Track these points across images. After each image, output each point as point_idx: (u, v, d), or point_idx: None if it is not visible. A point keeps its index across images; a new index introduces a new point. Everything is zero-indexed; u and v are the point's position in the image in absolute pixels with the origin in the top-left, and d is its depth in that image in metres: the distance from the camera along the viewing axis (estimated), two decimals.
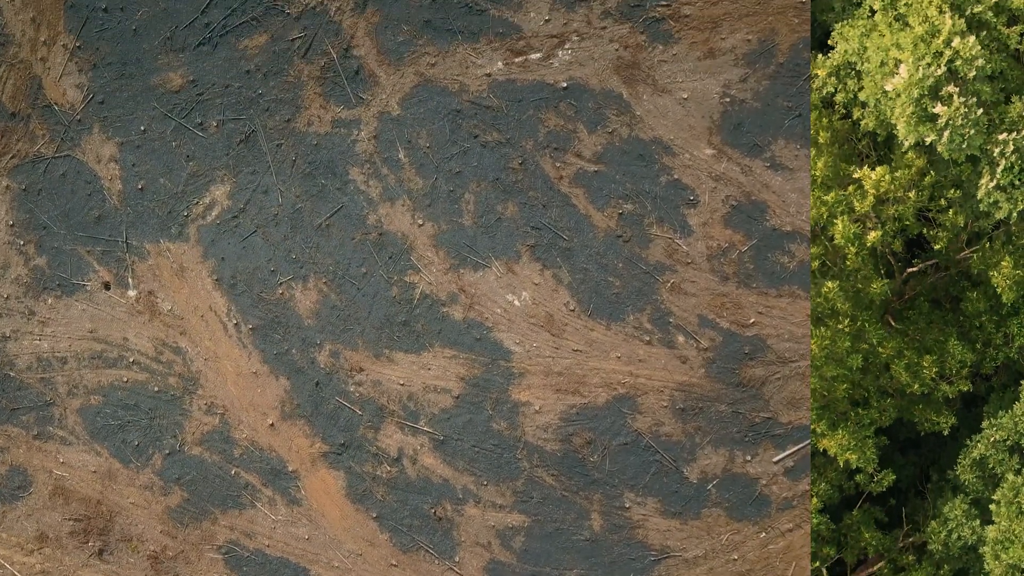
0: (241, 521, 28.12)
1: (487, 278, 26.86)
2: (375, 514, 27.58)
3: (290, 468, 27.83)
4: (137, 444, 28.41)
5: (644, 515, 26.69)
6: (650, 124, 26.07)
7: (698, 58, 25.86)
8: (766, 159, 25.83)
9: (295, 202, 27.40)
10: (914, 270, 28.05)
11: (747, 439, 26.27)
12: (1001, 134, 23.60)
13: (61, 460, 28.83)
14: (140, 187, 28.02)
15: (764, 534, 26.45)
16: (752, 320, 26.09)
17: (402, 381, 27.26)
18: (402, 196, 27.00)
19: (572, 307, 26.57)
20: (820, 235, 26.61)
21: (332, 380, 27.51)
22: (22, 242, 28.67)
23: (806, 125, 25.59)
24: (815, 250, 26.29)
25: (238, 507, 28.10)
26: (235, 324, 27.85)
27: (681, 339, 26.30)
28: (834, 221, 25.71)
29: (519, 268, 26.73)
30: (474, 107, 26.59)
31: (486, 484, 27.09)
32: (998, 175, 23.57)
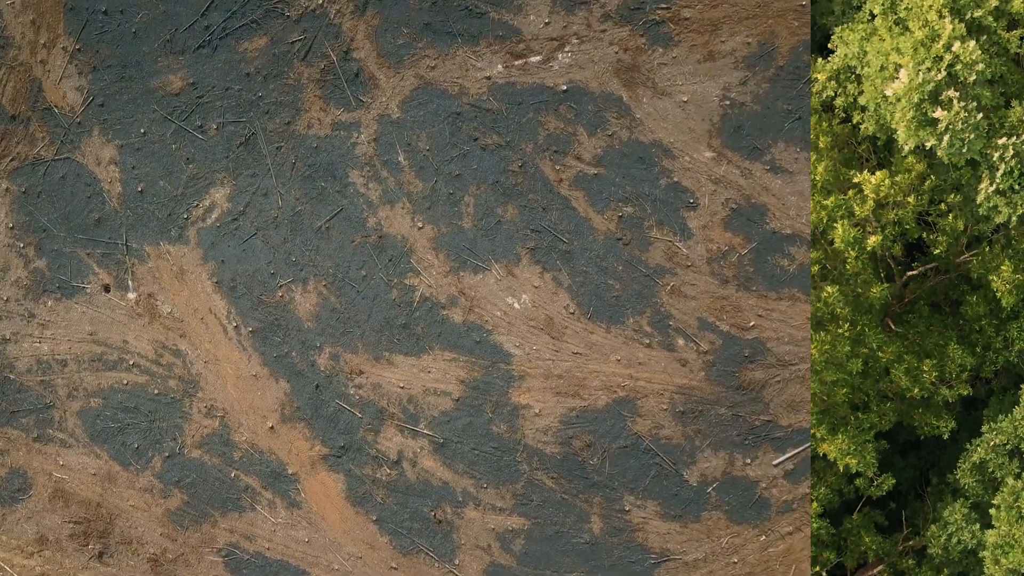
0: (241, 524, 28.12)
1: (487, 281, 26.85)
2: (375, 517, 27.57)
3: (290, 471, 27.82)
4: (137, 447, 28.41)
5: (644, 518, 26.68)
6: (650, 127, 26.04)
7: (698, 61, 25.84)
8: (766, 162, 25.80)
9: (295, 205, 27.39)
10: (914, 273, 28.03)
11: (747, 442, 26.25)
12: (1001, 138, 23.57)
13: (61, 463, 28.83)
14: (140, 189, 28.02)
15: (764, 537, 26.43)
16: (752, 323, 26.07)
17: (402, 384, 27.25)
18: (402, 199, 26.99)
19: (572, 310, 26.55)
20: (820, 239, 26.59)
21: (332, 383, 27.51)
22: (22, 244, 28.66)
23: (806, 128, 25.56)
24: (815, 254, 26.27)
25: (238, 510, 28.10)
26: (235, 327, 27.84)
27: (681, 342, 26.29)
28: (834, 225, 25.69)
29: (519, 271, 26.71)
30: (474, 110, 26.57)
31: (486, 487, 27.08)
32: (998, 179, 23.54)
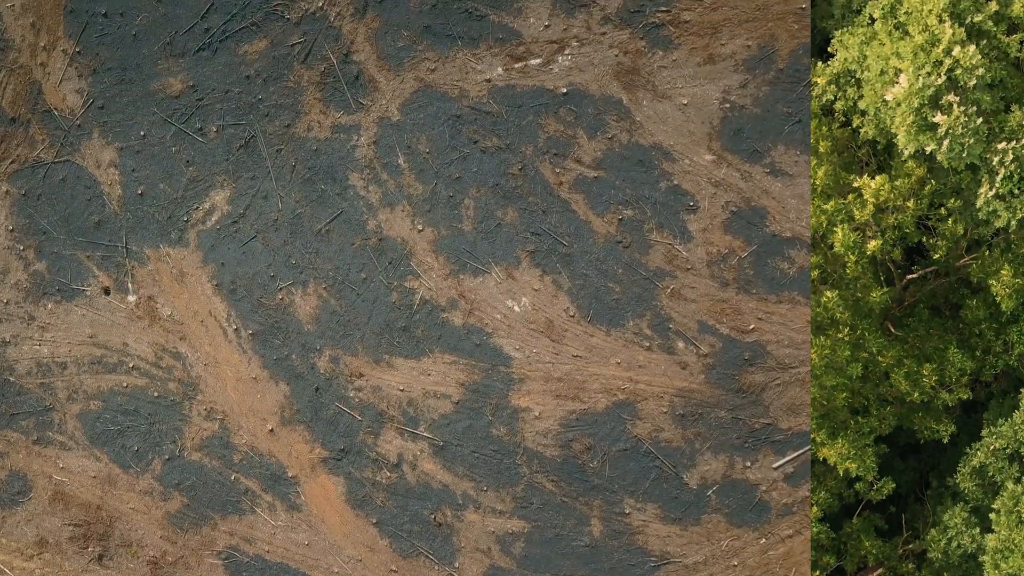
0: (241, 527, 28.12)
1: (487, 284, 26.84)
2: (375, 520, 27.57)
3: (290, 474, 27.82)
4: (137, 449, 28.41)
5: (644, 521, 26.68)
6: (650, 130, 26.03)
7: (698, 64, 25.82)
8: (766, 165, 25.78)
9: (295, 207, 27.38)
10: (913, 277, 28.02)
11: (747, 445, 26.24)
12: (1000, 143, 23.54)
13: (61, 465, 28.83)
14: (140, 192, 28.01)
15: (764, 540, 26.43)
16: (752, 326, 26.06)
17: (402, 387, 27.25)
18: (402, 202, 26.98)
19: (572, 313, 26.55)
20: (820, 243, 26.57)
21: (332, 386, 27.50)
22: (22, 247, 28.66)
23: (806, 131, 25.55)
24: (815, 259, 26.25)
25: (238, 513, 28.09)
26: (235, 329, 27.83)
27: (681, 345, 26.28)
28: (834, 230, 25.67)
29: (519, 274, 26.70)
30: (474, 113, 26.56)
31: (486, 490, 27.08)
32: (997, 184, 23.52)
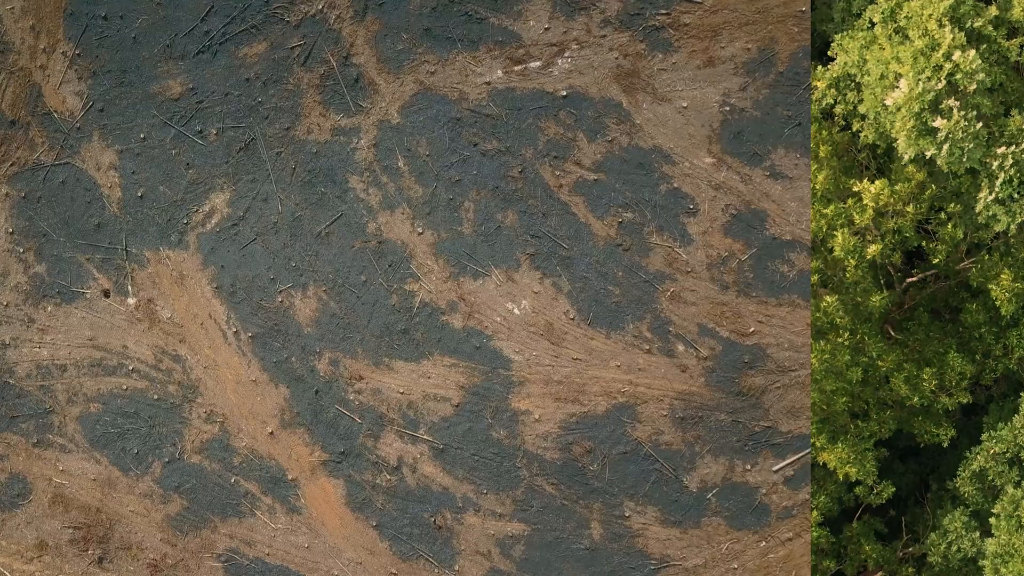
0: (241, 529, 28.12)
1: (487, 287, 26.83)
2: (375, 522, 27.57)
3: (290, 476, 27.82)
4: (137, 452, 28.41)
5: (644, 524, 26.67)
6: (650, 133, 26.02)
7: (698, 67, 25.80)
8: (766, 168, 25.77)
9: (295, 210, 27.37)
10: (913, 280, 28.00)
11: (747, 448, 26.24)
12: (1000, 147, 23.51)
13: (60, 468, 28.83)
14: (140, 195, 28.01)
15: (764, 543, 26.42)
16: (752, 329, 26.05)
17: (402, 389, 27.24)
18: (401, 204, 26.97)
19: (572, 316, 26.54)
20: (820, 248, 26.55)
21: (332, 388, 27.50)
22: (21, 249, 28.66)
23: (806, 134, 25.53)
24: (815, 264, 26.23)
25: (238, 515, 28.09)
26: (234, 332, 27.83)
27: (681, 348, 26.27)
28: (834, 234, 25.65)
29: (519, 277, 26.70)
30: (474, 115, 26.55)
31: (486, 493, 27.07)
32: (997, 188, 23.47)
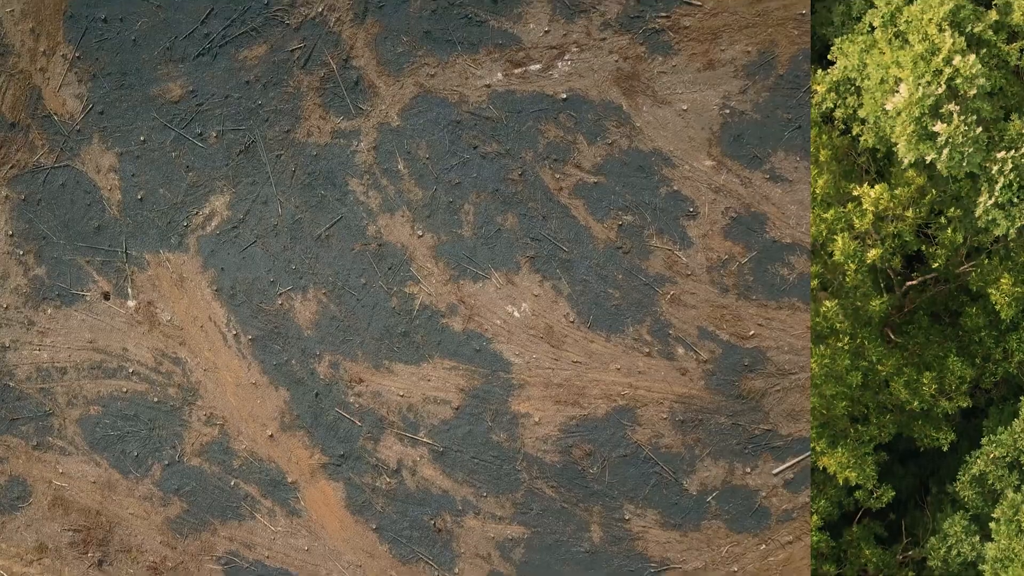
0: (240, 532, 28.12)
1: (486, 289, 26.82)
2: (375, 525, 27.57)
3: (289, 479, 27.82)
4: (136, 455, 28.41)
5: (644, 527, 26.67)
6: (650, 135, 26.01)
7: (698, 69, 25.79)
8: (766, 171, 25.76)
9: (294, 213, 27.37)
10: (913, 283, 27.98)
11: (747, 451, 26.23)
12: (1000, 152, 23.49)
13: (60, 470, 28.83)
14: (140, 197, 28.00)
15: (764, 546, 26.42)
16: (752, 332, 26.04)
17: (402, 392, 27.24)
18: (401, 207, 26.96)
19: (572, 318, 26.53)
20: (820, 252, 26.52)
21: (331, 391, 27.50)
22: (21, 252, 28.66)
23: (806, 137, 25.52)
24: (815, 268, 26.21)
25: (237, 518, 28.10)
26: (234, 335, 27.83)
27: (681, 351, 26.26)
28: (834, 238, 25.63)
29: (519, 279, 26.69)
30: (474, 118, 26.54)
31: (486, 495, 27.07)
32: (996, 193, 23.45)
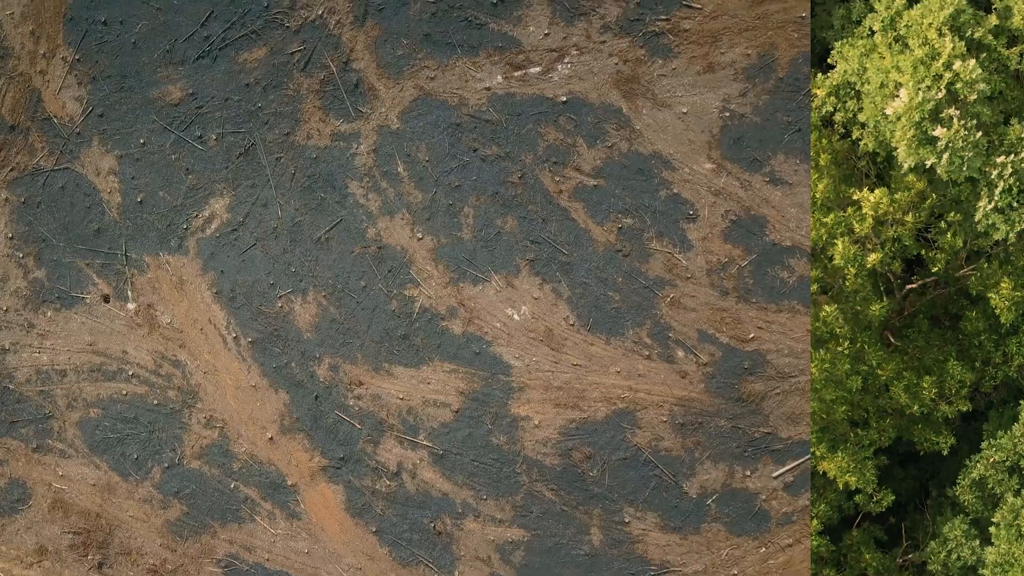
0: (240, 535, 28.12)
1: (486, 292, 26.82)
2: (374, 528, 27.57)
3: (289, 482, 27.82)
4: (136, 457, 28.41)
5: (644, 530, 26.67)
6: (649, 138, 26.00)
7: (697, 72, 25.79)
8: (766, 173, 25.75)
9: (294, 215, 27.37)
10: (913, 287, 27.98)
11: (747, 454, 26.23)
12: (1000, 156, 23.48)
13: (60, 473, 28.83)
14: (139, 200, 28.00)
15: (764, 549, 26.41)
16: (752, 335, 26.03)
17: (401, 395, 27.24)
18: (401, 210, 26.96)
19: (572, 321, 26.53)
20: (820, 256, 26.52)
21: (331, 394, 27.49)
22: (21, 255, 28.66)
23: (806, 140, 25.51)
24: (815, 272, 26.21)
25: (237, 521, 28.09)
26: (234, 337, 27.82)
27: (681, 354, 26.26)
28: (834, 243, 25.63)
29: (518, 282, 26.69)
30: (473, 121, 26.53)
31: (485, 498, 27.07)
32: (996, 197, 23.45)
